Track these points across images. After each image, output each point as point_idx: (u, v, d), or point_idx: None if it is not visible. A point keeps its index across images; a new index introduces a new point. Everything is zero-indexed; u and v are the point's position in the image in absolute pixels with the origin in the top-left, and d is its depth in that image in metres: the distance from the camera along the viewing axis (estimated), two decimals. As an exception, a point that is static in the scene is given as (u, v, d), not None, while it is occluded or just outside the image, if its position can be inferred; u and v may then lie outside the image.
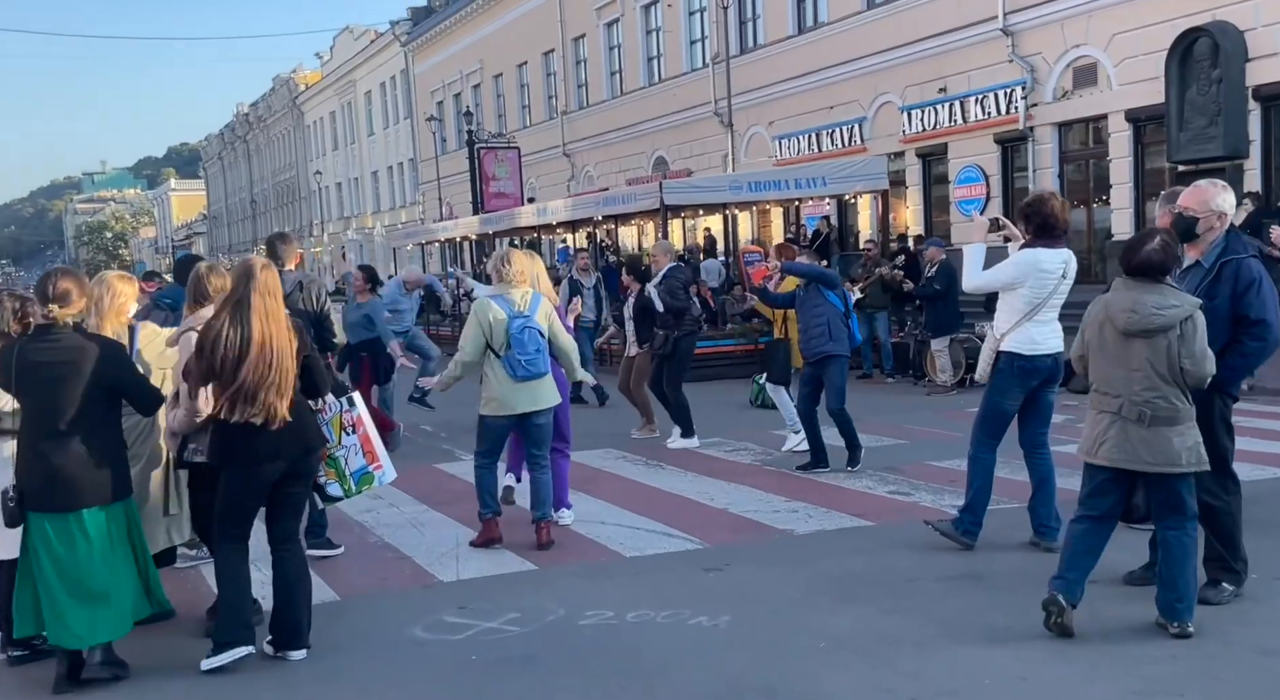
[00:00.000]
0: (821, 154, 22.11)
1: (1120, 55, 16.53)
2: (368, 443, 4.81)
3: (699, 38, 26.70)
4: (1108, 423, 4.12)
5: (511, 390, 5.72)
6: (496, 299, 5.79)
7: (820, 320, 7.55)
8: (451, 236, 22.41)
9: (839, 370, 7.61)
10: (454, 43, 39.46)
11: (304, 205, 59.54)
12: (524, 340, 5.64)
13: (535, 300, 5.83)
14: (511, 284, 5.79)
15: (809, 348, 7.67)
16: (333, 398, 4.75)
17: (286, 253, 5.84)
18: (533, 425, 5.85)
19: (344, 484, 4.77)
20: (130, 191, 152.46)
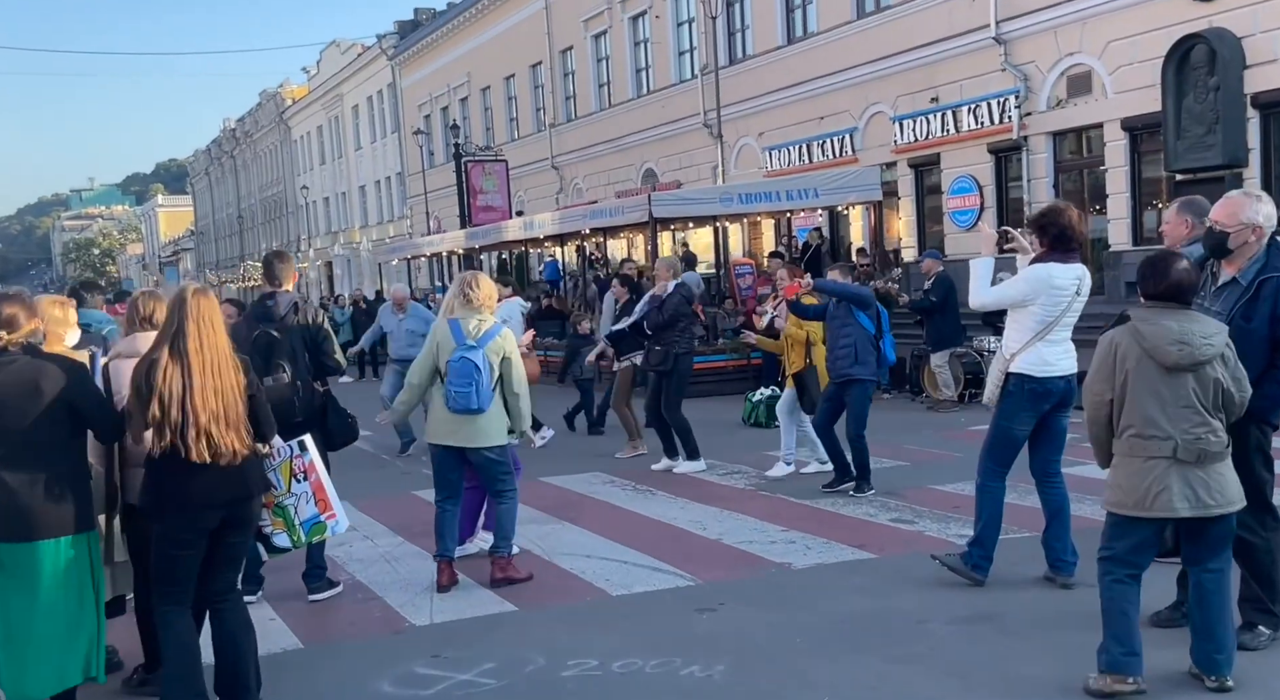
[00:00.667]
0: (812, 165, 21.82)
1: (1115, 63, 16.28)
2: (320, 490, 4.45)
3: (687, 49, 26.44)
4: (1162, 470, 3.68)
5: (442, 419, 5.43)
6: (452, 323, 5.44)
7: (847, 341, 7.26)
8: (438, 251, 22.05)
9: (861, 395, 7.33)
10: (441, 56, 39.18)
11: (291, 220, 59.09)
12: (456, 371, 5.31)
13: (492, 332, 5.43)
14: (477, 310, 5.43)
15: (834, 368, 7.39)
16: (281, 442, 4.38)
17: (284, 272, 5.47)
18: (476, 462, 5.53)
19: (293, 534, 4.40)
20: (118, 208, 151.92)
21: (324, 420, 5.32)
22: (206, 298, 3.91)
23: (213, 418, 3.77)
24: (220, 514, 3.89)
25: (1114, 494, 3.81)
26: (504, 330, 5.51)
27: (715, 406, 12.15)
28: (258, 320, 5.39)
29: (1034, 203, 17.92)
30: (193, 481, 3.78)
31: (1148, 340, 3.67)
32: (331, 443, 5.38)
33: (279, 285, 5.46)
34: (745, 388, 13.76)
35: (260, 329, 5.34)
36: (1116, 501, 3.79)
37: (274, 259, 5.58)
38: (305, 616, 5.24)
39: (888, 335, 7.56)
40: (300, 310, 5.35)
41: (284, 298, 5.40)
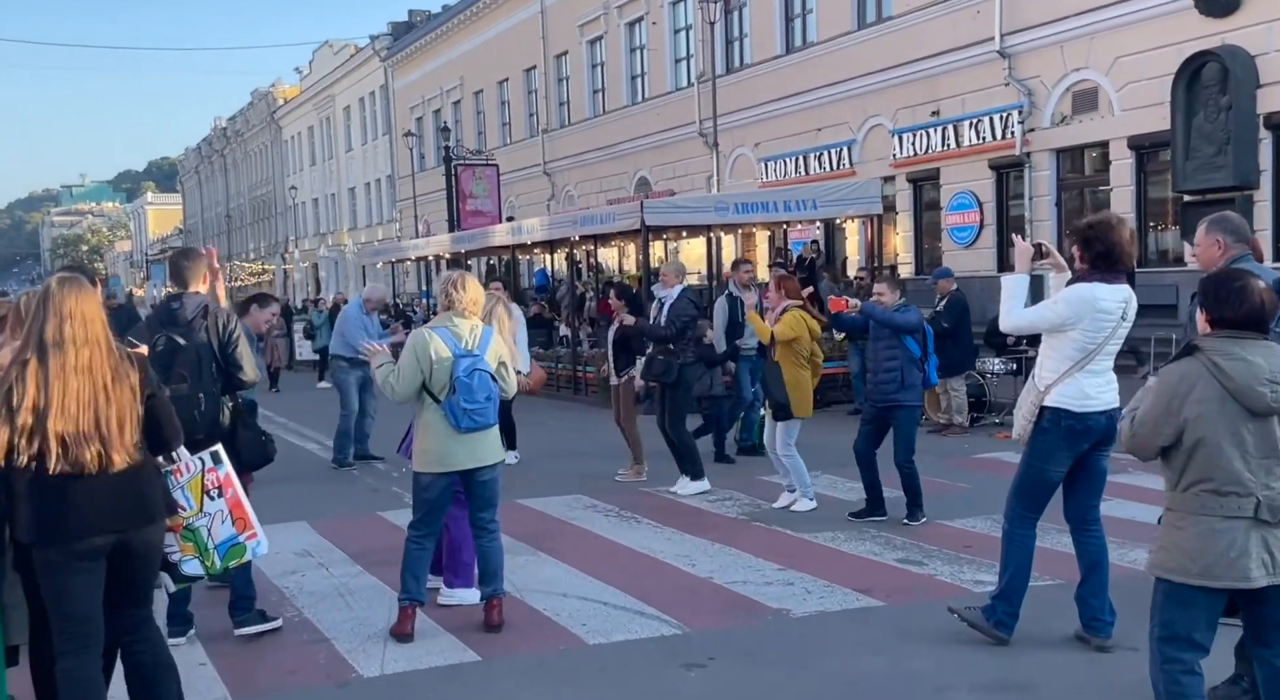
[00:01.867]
0: (809, 177, 21.33)
1: (1123, 80, 15.83)
2: (238, 507, 3.88)
3: (684, 56, 25.97)
4: (1241, 531, 3.11)
5: (453, 443, 4.79)
6: (439, 331, 4.85)
7: (893, 365, 6.78)
8: (423, 255, 21.45)
9: (908, 421, 6.86)
10: (434, 58, 38.65)
11: (280, 221, 58.41)
12: (473, 386, 4.71)
13: (487, 336, 4.89)
14: (461, 314, 4.87)
15: (878, 391, 6.89)
16: (189, 454, 3.82)
17: (191, 273, 4.87)
18: (478, 483, 4.90)
19: (205, 559, 3.82)
20: (108, 205, 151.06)
21: (233, 438, 4.74)
22: (75, 288, 3.37)
23: (76, 425, 3.25)
24: (113, 539, 3.34)
25: (1172, 558, 3.20)
26: (495, 334, 4.96)
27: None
28: (161, 325, 4.81)
29: (1035, 221, 17.46)
30: (72, 502, 3.24)
31: (1234, 379, 3.09)
32: (242, 464, 4.81)
33: (186, 287, 4.87)
34: (740, 404, 13.25)
35: (162, 334, 4.76)
36: (1176, 568, 3.19)
37: (180, 258, 4.99)
38: (240, 662, 4.65)
39: (932, 357, 7.05)
40: (210, 315, 4.76)
41: (191, 301, 4.80)
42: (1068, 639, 4.51)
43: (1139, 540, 6.06)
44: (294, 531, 7.07)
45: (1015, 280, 4.66)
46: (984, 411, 11.26)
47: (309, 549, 6.58)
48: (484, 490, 4.92)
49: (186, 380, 4.60)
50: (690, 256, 25.70)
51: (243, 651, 4.77)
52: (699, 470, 8.07)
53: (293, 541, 6.78)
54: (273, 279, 57.80)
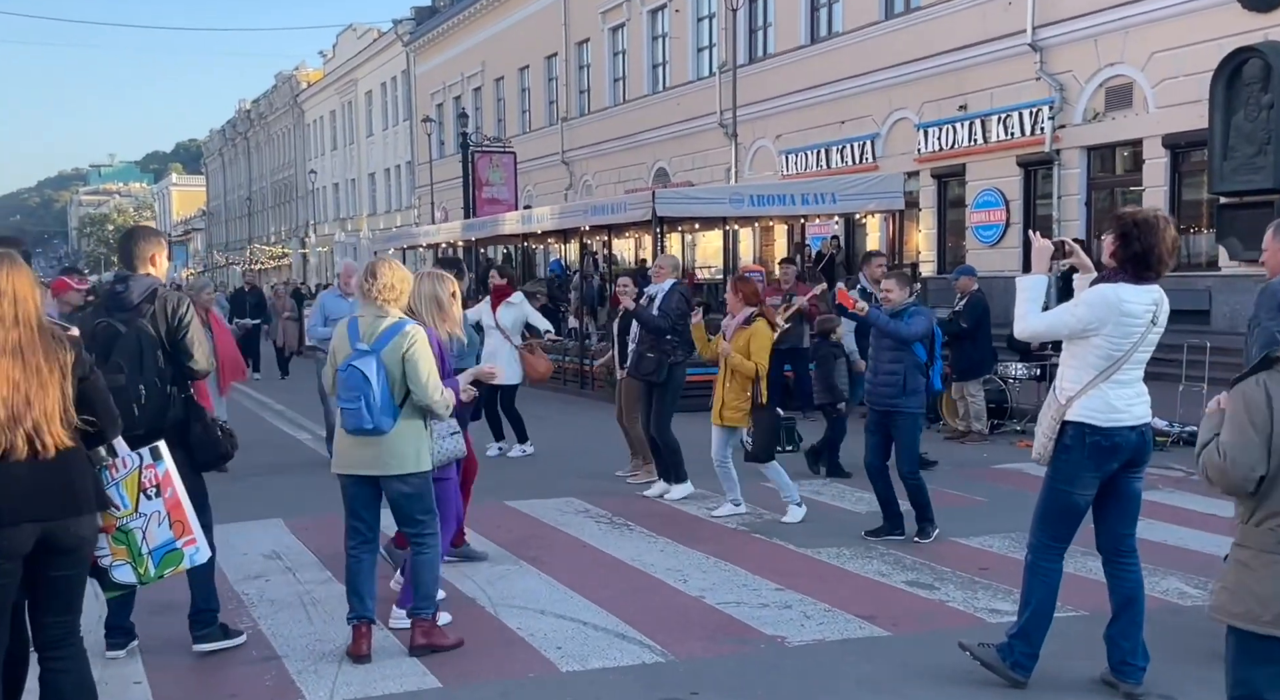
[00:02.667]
0: (830, 170, 20.83)
1: (1159, 76, 15.25)
2: (177, 509, 3.51)
3: (706, 45, 25.47)
4: None
5: (344, 443, 4.44)
6: (351, 322, 4.46)
7: (895, 369, 6.31)
8: (435, 241, 21.06)
9: (910, 429, 6.38)
10: (456, 44, 38.28)
11: (300, 205, 58.28)
12: (345, 381, 4.33)
13: (389, 334, 4.38)
14: (373, 302, 4.44)
15: (877, 394, 6.43)
16: (127, 447, 3.45)
17: (140, 253, 4.46)
18: (388, 492, 4.49)
19: (139, 565, 3.45)
20: (135, 185, 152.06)
21: (186, 434, 4.34)
22: (8, 264, 3.11)
23: (7, 408, 2.99)
24: (35, 532, 3.03)
25: (1241, 603, 2.74)
26: (409, 327, 4.44)
27: (712, 425, 11.16)
28: (107, 309, 4.41)
29: (1064, 221, 16.91)
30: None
31: None
32: (195, 462, 4.42)
33: (134, 268, 4.47)
34: (747, 404, 12.81)
35: (103, 320, 4.37)
36: (1244, 614, 2.72)
37: (128, 238, 4.57)
38: (179, 682, 4.26)
39: (938, 362, 6.59)
40: (159, 298, 4.35)
41: (139, 283, 4.38)
42: (1093, 683, 4.05)
43: (1173, 568, 5.59)
44: (266, 530, 6.69)
45: (1033, 281, 4.21)
46: (1005, 418, 10.76)
47: (279, 550, 6.20)
48: (393, 503, 4.50)
49: (124, 370, 4.20)
50: (706, 250, 25.25)
51: (185, 669, 4.39)
52: (682, 474, 7.66)
53: (263, 541, 6.40)
54: (290, 263, 57.70)
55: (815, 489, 7.83)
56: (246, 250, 66.81)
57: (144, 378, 4.25)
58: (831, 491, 7.78)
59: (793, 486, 7.02)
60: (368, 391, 4.27)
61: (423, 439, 4.48)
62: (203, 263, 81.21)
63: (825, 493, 7.72)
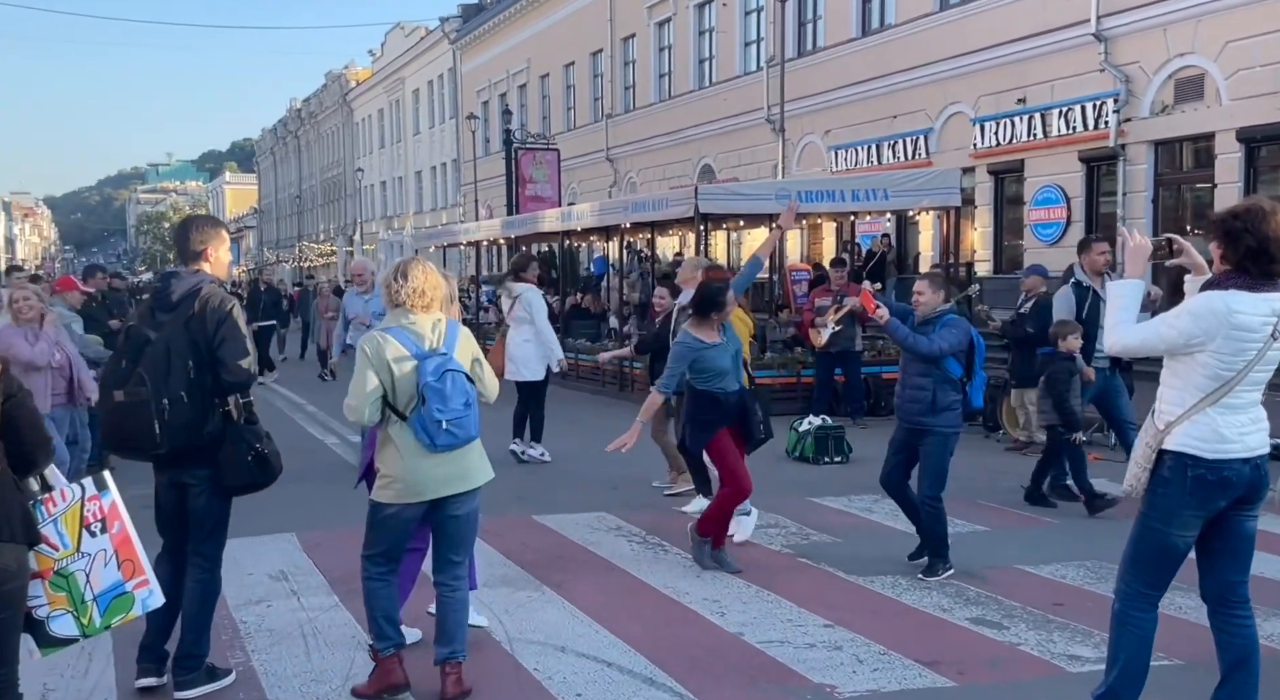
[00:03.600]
0: (881, 166, 20.14)
1: (1233, 66, 14.40)
2: (125, 546, 3.08)
3: (754, 39, 24.87)
4: None
5: (426, 465, 3.90)
6: (394, 332, 3.95)
7: (924, 382, 5.68)
8: (475, 239, 20.72)
9: (939, 450, 5.71)
10: (502, 41, 38.04)
11: (349, 203, 58.56)
12: (446, 391, 3.81)
13: (452, 331, 4.00)
14: (411, 309, 3.98)
15: (904, 410, 5.84)
16: (65, 480, 3.03)
17: (191, 244, 3.95)
18: (450, 518, 4.00)
19: (82, 615, 3.02)
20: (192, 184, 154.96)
21: (216, 452, 3.90)
22: None
23: None
24: None
25: None
26: (463, 327, 4.09)
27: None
28: (151, 310, 3.98)
29: (1129, 219, 16.10)
30: None
31: None
32: (224, 486, 3.98)
33: (185, 262, 4.04)
34: (794, 409, 12.23)
35: (134, 323, 3.96)
36: None
37: (181, 228, 4.11)
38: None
39: (979, 374, 5.93)
40: (200, 300, 3.89)
41: (184, 280, 3.92)
42: (1195, 756, 3.49)
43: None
44: (277, 546, 6.29)
45: (1127, 286, 3.65)
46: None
47: (286, 570, 5.79)
48: (457, 527, 4.01)
49: (146, 383, 3.74)
50: (751, 248, 24.65)
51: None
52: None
53: (272, 559, 6.00)
54: (335, 262, 57.98)
55: (866, 506, 7.27)
56: (296, 248, 67.41)
57: (169, 390, 3.78)
58: (884, 509, 7.21)
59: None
60: (473, 395, 3.91)
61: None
62: (254, 260, 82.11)
63: (878, 511, 7.15)
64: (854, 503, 7.23)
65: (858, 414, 11.37)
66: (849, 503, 7.31)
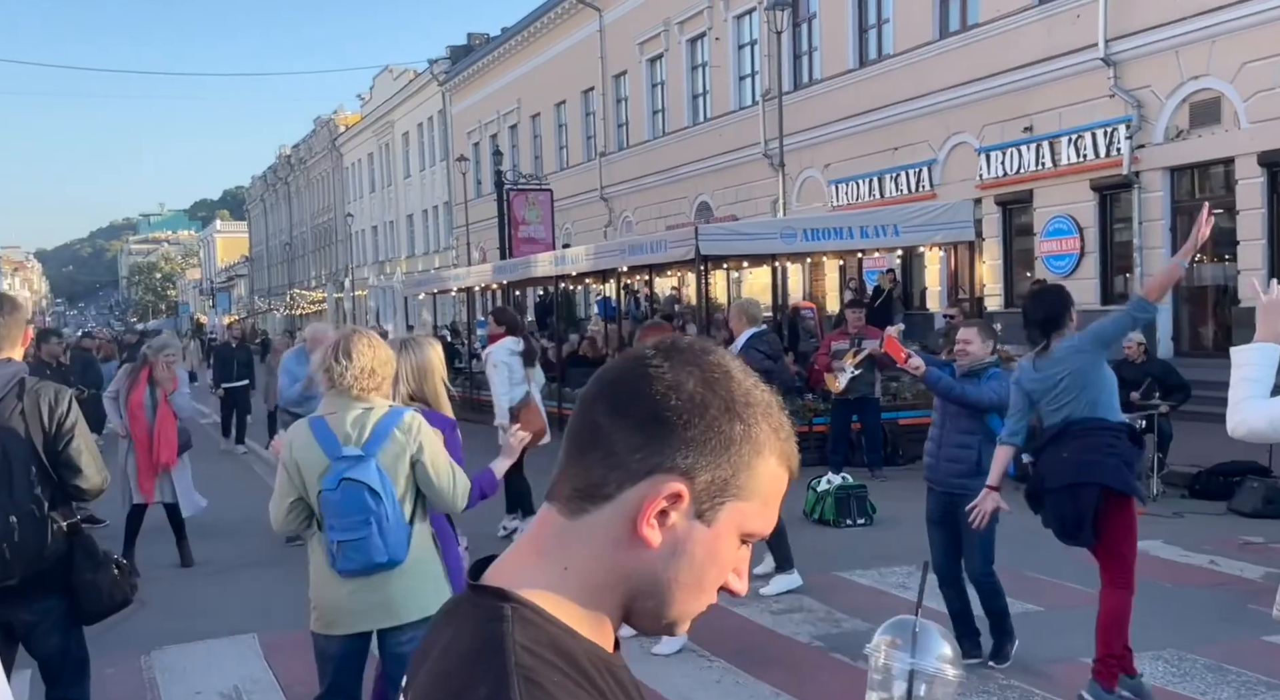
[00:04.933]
0: (884, 200, 19.55)
1: (1252, 88, 13.83)
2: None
3: (749, 73, 24.41)
4: None
5: (338, 593, 3.23)
6: (315, 423, 3.27)
7: (967, 441, 4.99)
8: (465, 285, 20.04)
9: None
10: (492, 81, 37.69)
11: (340, 248, 58.07)
12: (339, 503, 3.13)
13: (386, 425, 3.25)
14: (348, 392, 3.27)
15: (941, 472, 5.11)
16: None
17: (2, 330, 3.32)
18: (390, 655, 3.29)
19: None
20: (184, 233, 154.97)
21: (68, 575, 3.18)
22: None
23: None
24: None
25: None
26: (406, 415, 3.31)
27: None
28: None
29: (1146, 248, 15.47)
30: None
31: None
32: (83, 614, 3.25)
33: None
34: (809, 461, 11.48)
35: None
36: None
37: None
38: None
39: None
40: (29, 392, 3.19)
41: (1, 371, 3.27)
42: None
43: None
44: (235, 652, 5.49)
45: (1258, 352, 2.93)
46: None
47: (241, 686, 5.00)
48: (398, 666, 3.25)
49: None
50: (753, 287, 23.97)
51: None
52: (787, 557, 6.31)
53: (226, 671, 5.21)
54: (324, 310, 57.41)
55: (899, 581, 6.49)
56: (287, 295, 66.87)
57: (15, 504, 3.09)
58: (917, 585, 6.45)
59: None
60: (379, 510, 3.13)
61: (437, 563, 3.37)
62: (245, 308, 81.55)
63: (912, 586, 6.37)
64: (885, 577, 6.46)
65: (877, 465, 10.62)
66: (880, 578, 6.53)
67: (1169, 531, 7.32)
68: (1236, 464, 9.02)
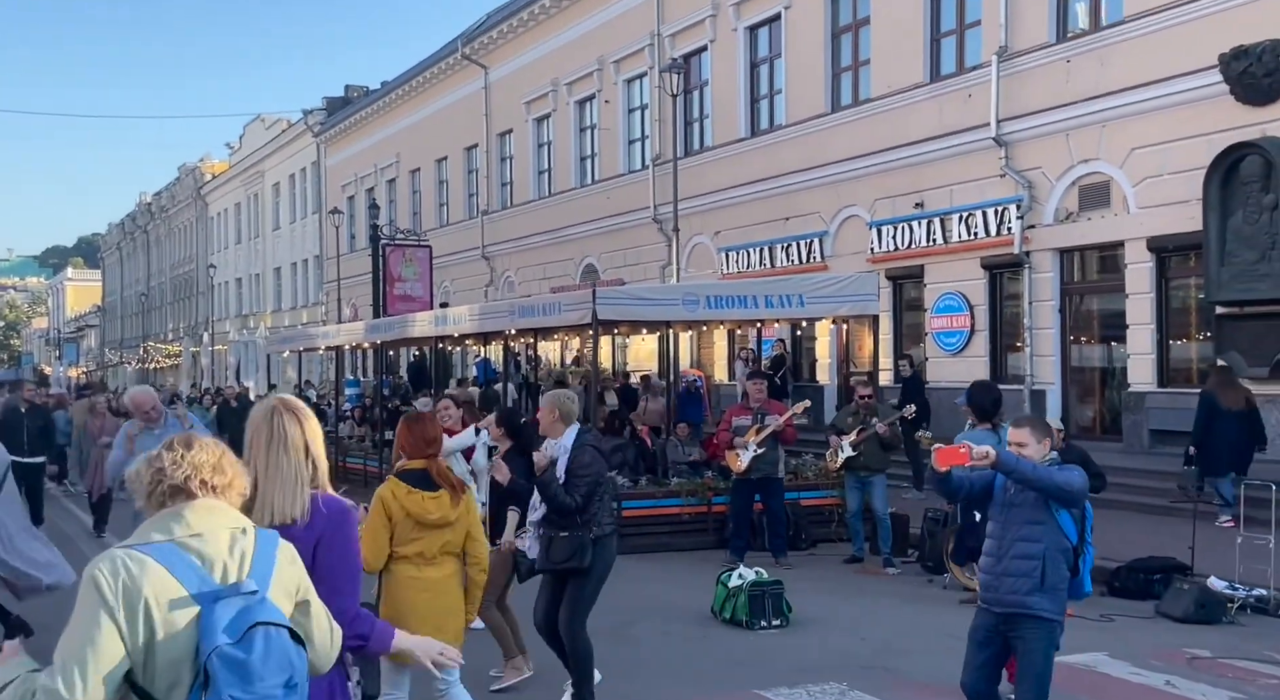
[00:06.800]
0: (776, 270, 19.24)
1: (1141, 173, 13.99)
2: None
3: (639, 137, 24.04)
4: None
5: None
6: (158, 550, 2.18)
7: (1031, 549, 4.28)
8: (335, 343, 18.72)
9: (1044, 643, 4.29)
10: (370, 134, 36.52)
11: (202, 300, 55.18)
12: (251, 663, 2.07)
13: (266, 548, 2.28)
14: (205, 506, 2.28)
15: (999, 589, 4.35)
16: None
17: None
18: None
19: None
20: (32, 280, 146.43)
21: None
22: None
23: None
24: None
25: None
26: (281, 540, 2.35)
27: (667, 576, 9.02)
28: None
29: (1036, 328, 15.44)
30: None
31: None
32: None
33: None
34: (707, 544, 10.68)
35: None
36: None
37: None
38: None
39: (1089, 551, 4.47)
40: None
41: None
42: None
43: None
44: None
45: None
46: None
47: None
48: None
49: None
50: (639, 353, 23.36)
51: None
52: (588, 689, 5.42)
53: None
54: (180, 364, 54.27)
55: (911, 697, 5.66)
56: (140, 348, 63.15)
57: None
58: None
59: None
60: (300, 664, 2.18)
61: None
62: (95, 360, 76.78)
63: None
64: (815, 698, 5.62)
65: (780, 551, 9.89)
66: (808, 698, 5.68)
67: (1107, 641, 6.75)
68: (1156, 559, 8.63)
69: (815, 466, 11.52)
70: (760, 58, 20.80)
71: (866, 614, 7.51)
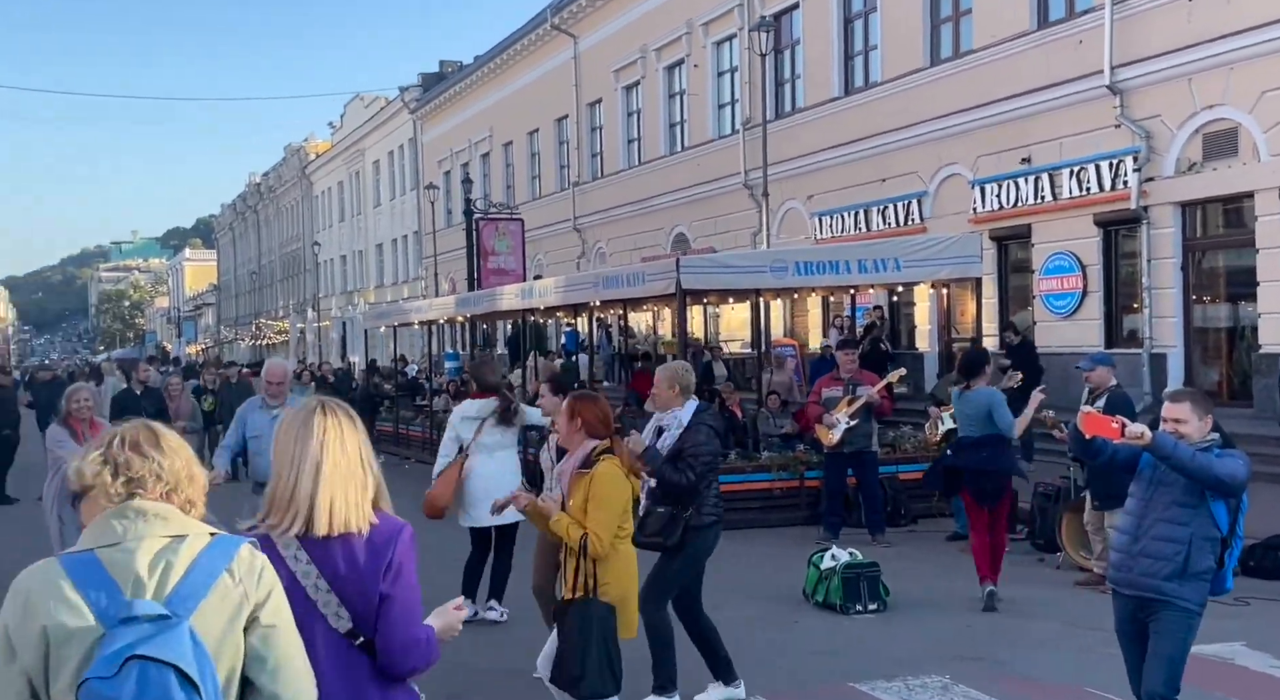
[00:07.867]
0: (871, 233, 18.51)
1: (1272, 118, 12.87)
2: None
3: (728, 101, 23.42)
4: None
5: None
6: (77, 564, 1.90)
7: (1174, 536, 3.89)
8: (427, 318, 18.75)
9: (1181, 631, 3.94)
10: (463, 109, 36.64)
11: (309, 278, 56.57)
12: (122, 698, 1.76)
13: (207, 566, 1.94)
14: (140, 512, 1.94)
15: (1135, 572, 3.97)
16: None
17: None
18: None
19: None
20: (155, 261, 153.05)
21: None
22: None
23: None
24: None
25: None
26: (244, 550, 2.00)
27: (757, 555, 8.64)
28: None
29: (1155, 288, 14.45)
30: None
31: None
32: None
33: None
34: (799, 520, 10.27)
35: None
36: None
37: None
38: None
39: (1238, 542, 4.01)
40: None
41: None
42: None
43: None
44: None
45: None
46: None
47: None
48: None
49: None
50: (731, 322, 22.89)
51: None
52: (667, 679, 5.07)
53: None
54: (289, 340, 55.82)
55: (931, 697, 5.23)
56: (253, 324, 65.24)
57: None
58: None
59: None
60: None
61: None
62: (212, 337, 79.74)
63: None
64: (915, 693, 5.20)
65: (878, 529, 9.40)
66: (908, 693, 5.26)
67: (1244, 628, 6.12)
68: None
69: (915, 438, 10.96)
70: (854, 12, 19.95)
71: (971, 597, 7.00)
